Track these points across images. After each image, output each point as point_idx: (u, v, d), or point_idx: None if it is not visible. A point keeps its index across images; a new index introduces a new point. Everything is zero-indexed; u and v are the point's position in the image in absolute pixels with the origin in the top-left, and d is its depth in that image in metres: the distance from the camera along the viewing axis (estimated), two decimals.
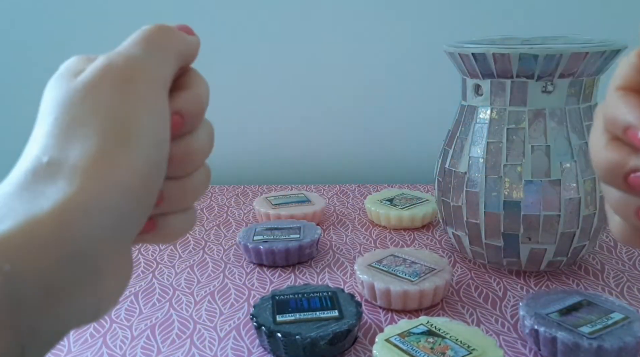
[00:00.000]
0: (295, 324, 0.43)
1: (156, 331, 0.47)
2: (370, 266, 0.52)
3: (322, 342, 0.42)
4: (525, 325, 0.44)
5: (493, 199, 0.51)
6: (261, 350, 0.44)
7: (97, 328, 0.48)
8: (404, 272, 0.51)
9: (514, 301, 0.51)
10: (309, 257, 0.59)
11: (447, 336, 0.41)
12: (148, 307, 0.51)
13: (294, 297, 0.47)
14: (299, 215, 0.67)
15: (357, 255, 0.61)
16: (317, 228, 0.61)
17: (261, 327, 0.43)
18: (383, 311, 0.50)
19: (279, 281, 0.56)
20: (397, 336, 0.41)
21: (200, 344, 0.45)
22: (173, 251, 0.63)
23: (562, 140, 0.50)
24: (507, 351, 0.44)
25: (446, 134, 0.57)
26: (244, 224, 0.70)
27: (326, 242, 0.64)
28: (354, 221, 0.70)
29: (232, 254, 0.62)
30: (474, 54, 0.49)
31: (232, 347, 0.45)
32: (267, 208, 0.69)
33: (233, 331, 0.47)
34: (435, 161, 0.58)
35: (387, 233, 0.67)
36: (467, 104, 0.54)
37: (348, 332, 0.43)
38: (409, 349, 0.40)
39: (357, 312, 0.45)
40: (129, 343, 0.46)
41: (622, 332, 0.41)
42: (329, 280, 0.56)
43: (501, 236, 0.52)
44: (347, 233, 0.67)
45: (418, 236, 0.66)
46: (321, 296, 0.47)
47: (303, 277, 0.56)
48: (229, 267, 0.58)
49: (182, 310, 0.50)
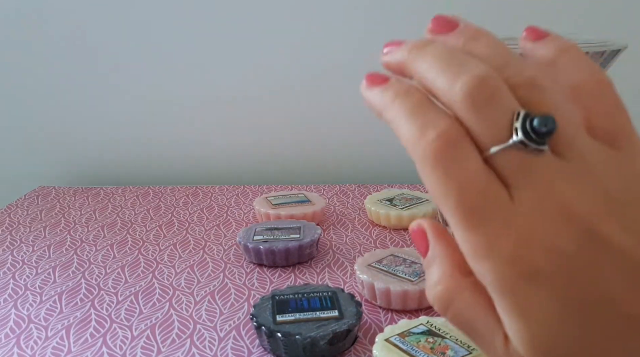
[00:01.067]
0: (295, 324, 0.43)
1: (156, 331, 0.47)
2: (370, 266, 0.52)
3: (322, 342, 0.42)
4: None
5: None
6: (261, 350, 0.44)
7: (97, 328, 0.48)
8: (404, 272, 0.51)
9: None
10: (309, 257, 0.59)
11: (447, 336, 0.41)
12: (148, 307, 0.51)
13: (294, 297, 0.47)
14: (299, 215, 0.67)
15: (357, 255, 0.61)
16: (317, 228, 0.61)
17: (261, 327, 0.43)
18: (383, 310, 0.50)
19: (279, 280, 0.56)
20: (397, 336, 0.41)
21: (200, 344, 0.45)
22: (173, 251, 0.63)
23: None
24: None
25: None
26: (244, 224, 0.70)
27: (326, 242, 0.64)
28: (354, 221, 0.70)
29: (232, 254, 0.62)
30: None
31: (232, 347, 0.45)
32: (267, 208, 0.69)
33: (233, 331, 0.47)
34: None
35: (387, 233, 0.67)
36: None
37: (348, 332, 0.43)
38: (409, 349, 0.40)
39: (357, 312, 0.45)
40: (129, 343, 0.46)
41: None
42: (329, 280, 0.56)
43: None
44: (347, 233, 0.67)
45: None
46: (321, 296, 0.47)
47: (303, 277, 0.56)
48: (229, 267, 0.58)
49: (182, 310, 0.50)
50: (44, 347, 0.45)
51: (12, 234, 0.68)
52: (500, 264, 0.21)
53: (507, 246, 0.21)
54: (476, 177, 0.21)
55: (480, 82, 0.21)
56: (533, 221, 0.21)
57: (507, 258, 0.21)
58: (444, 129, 0.22)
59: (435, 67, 0.23)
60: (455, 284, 0.24)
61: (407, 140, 0.23)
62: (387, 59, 0.26)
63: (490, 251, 0.21)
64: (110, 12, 0.85)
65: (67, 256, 0.62)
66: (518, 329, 0.21)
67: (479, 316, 0.23)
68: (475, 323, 0.23)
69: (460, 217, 0.21)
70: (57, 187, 0.86)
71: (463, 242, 0.22)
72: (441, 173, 0.21)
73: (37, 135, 0.92)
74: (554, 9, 0.81)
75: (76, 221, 0.72)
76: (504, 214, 0.21)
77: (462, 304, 0.23)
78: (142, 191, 0.84)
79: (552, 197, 0.21)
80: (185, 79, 0.87)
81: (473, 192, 0.21)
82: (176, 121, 0.90)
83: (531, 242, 0.21)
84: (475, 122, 0.22)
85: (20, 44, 0.87)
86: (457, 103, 0.22)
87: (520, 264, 0.21)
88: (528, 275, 0.21)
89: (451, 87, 0.22)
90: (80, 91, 0.89)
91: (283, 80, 0.87)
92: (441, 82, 0.22)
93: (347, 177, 0.90)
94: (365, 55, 0.86)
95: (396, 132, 0.23)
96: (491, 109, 0.21)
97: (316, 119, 0.89)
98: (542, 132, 0.21)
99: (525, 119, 0.21)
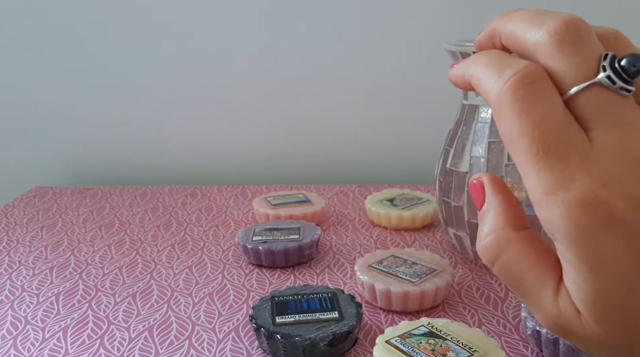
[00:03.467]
0: (295, 326, 0.43)
1: (154, 333, 0.47)
2: (370, 267, 0.52)
3: (321, 343, 0.41)
4: (527, 326, 0.43)
5: None
6: (260, 352, 0.44)
7: (94, 330, 0.47)
8: (404, 273, 0.50)
9: (515, 302, 0.50)
10: (308, 258, 0.59)
11: (448, 337, 0.41)
12: (146, 308, 0.51)
13: (294, 299, 0.47)
14: (299, 215, 0.67)
15: (357, 256, 0.60)
16: (317, 228, 0.61)
17: (260, 329, 0.43)
18: (383, 312, 0.49)
19: (278, 281, 0.55)
20: (397, 337, 0.41)
21: (198, 345, 0.45)
22: (171, 252, 0.62)
23: None
24: (508, 352, 0.43)
25: (447, 133, 0.57)
26: (243, 225, 0.70)
27: (326, 243, 0.64)
28: (354, 221, 0.70)
29: (231, 255, 0.61)
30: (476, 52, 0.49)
31: (231, 348, 0.44)
32: (266, 208, 0.68)
33: (232, 333, 0.46)
34: (436, 161, 0.58)
35: (388, 233, 0.66)
36: (468, 103, 0.54)
37: (348, 333, 0.42)
38: (409, 351, 0.39)
39: (357, 313, 0.44)
40: (126, 345, 0.45)
41: None
42: (329, 281, 0.55)
43: None
44: (347, 234, 0.66)
45: (419, 236, 0.65)
46: (321, 297, 0.47)
47: (303, 278, 0.56)
48: (227, 268, 0.58)
49: (180, 311, 0.50)
50: (41, 349, 0.45)
51: (9, 235, 0.68)
52: (574, 207, 0.19)
53: (584, 187, 0.19)
54: (555, 116, 0.20)
55: (569, 22, 0.21)
56: (613, 164, 0.20)
57: (583, 201, 0.19)
58: (523, 67, 0.21)
59: (524, 20, 0.23)
60: (505, 236, 0.23)
61: (486, 87, 0.22)
62: (480, 36, 0.26)
63: (565, 192, 0.20)
64: (110, 12, 0.84)
65: (65, 257, 0.61)
66: (585, 282, 0.20)
67: (527, 270, 0.22)
68: (523, 277, 0.23)
69: (535, 156, 0.20)
70: (54, 188, 0.85)
71: (534, 183, 0.21)
72: (518, 110, 0.21)
73: (35, 136, 0.91)
74: (554, 8, 0.81)
75: (73, 221, 0.72)
76: (582, 154, 0.20)
77: (510, 256, 0.23)
78: (140, 191, 0.83)
79: (636, 143, 0.20)
80: (185, 79, 0.87)
81: (551, 129, 0.20)
82: (175, 121, 0.89)
83: (610, 186, 0.19)
84: (559, 61, 0.21)
85: (20, 44, 0.87)
86: (543, 43, 0.22)
87: (596, 209, 0.19)
88: (605, 222, 0.19)
89: (539, 29, 0.22)
90: (79, 91, 0.88)
91: (282, 80, 0.86)
92: (529, 29, 0.22)
93: (347, 177, 0.90)
94: (365, 56, 0.86)
95: (477, 88, 0.23)
96: (579, 46, 0.21)
97: (316, 119, 0.88)
98: (630, 71, 0.20)
99: (614, 58, 0.21)
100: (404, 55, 0.84)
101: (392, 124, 0.88)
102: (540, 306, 0.22)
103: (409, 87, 0.86)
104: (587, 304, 0.20)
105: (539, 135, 0.20)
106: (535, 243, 0.22)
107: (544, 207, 0.20)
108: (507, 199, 0.24)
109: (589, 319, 0.21)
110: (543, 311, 0.22)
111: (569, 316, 0.21)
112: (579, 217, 0.19)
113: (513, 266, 0.23)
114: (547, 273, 0.22)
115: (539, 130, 0.20)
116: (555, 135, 0.20)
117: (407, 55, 0.84)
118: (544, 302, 0.22)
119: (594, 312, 0.20)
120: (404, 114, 0.87)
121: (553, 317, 0.22)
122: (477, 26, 0.82)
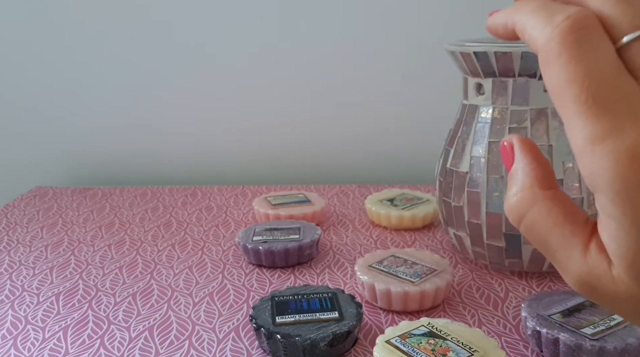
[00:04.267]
0: (295, 326, 0.43)
1: (154, 333, 0.47)
2: (370, 267, 0.52)
3: (322, 343, 0.41)
4: (528, 326, 0.43)
5: (495, 199, 0.50)
6: (260, 352, 0.44)
7: (94, 329, 0.47)
8: (404, 273, 0.50)
9: (515, 302, 0.51)
10: (308, 258, 0.59)
11: (448, 337, 0.41)
12: (146, 308, 0.51)
13: (294, 299, 0.47)
14: (299, 215, 0.67)
15: (357, 256, 0.60)
16: (317, 228, 0.61)
17: (260, 329, 0.43)
18: (383, 312, 0.49)
19: (278, 281, 0.55)
20: (397, 337, 0.41)
21: (199, 345, 0.45)
22: (171, 252, 0.62)
23: (564, 139, 0.49)
24: (509, 352, 0.43)
25: (447, 133, 0.57)
26: (243, 225, 0.70)
27: (326, 243, 0.64)
28: (354, 221, 0.70)
29: (231, 255, 0.61)
30: (476, 52, 0.49)
31: (231, 348, 0.44)
32: (266, 208, 0.68)
33: (232, 333, 0.46)
34: (436, 161, 0.58)
35: (388, 233, 0.66)
36: (468, 103, 0.54)
37: (348, 333, 0.42)
38: (409, 351, 0.39)
39: (357, 313, 0.44)
40: (126, 345, 0.45)
41: (625, 334, 0.41)
42: (329, 281, 0.55)
43: (503, 237, 0.51)
44: (348, 234, 0.66)
45: (419, 236, 0.65)
46: (321, 297, 0.47)
47: (303, 278, 0.56)
48: (227, 268, 0.58)
49: (180, 311, 0.50)
50: (41, 348, 0.45)
51: (9, 235, 0.68)
52: (622, 157, 0.19)
53: (634, 138, 0.19)
54: (606, 64, 0.20)
55: None
56: None
57: (632, 152, 0.19)
58: (574, 12, 0.20)
59: None
60: (532, 195, 0.23)
61: (532, 33, 0.21)
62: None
63: (613, 141, 0.19)
64: (110, 13, 0.84)
65: (65, 257, 0.61)
66: (627, 237, 0.19)
67: (554, 229, 0.22)
68: (549, 236, 0.22)
69: (583, 104, 0.19)
70: (54, 188, 0.85)
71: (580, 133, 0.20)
72: (568, 57, 0.20)
73: (35, 136, 0.91)
74: None
75: (74, 221, 0.72)
76: (634, 103, 0.19)
77: (536, 216, 0.22)
78: (140, 191, 0.83)
79: None
80: (185, 79, 0.87)
81: (602, 78, 0.19)
82: (175, 121, 0.89)
83: None
84: (612, 8, 0.20)
85: (19, 44, 0.87)
86: None
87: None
88: None
89: None
90: (79, 91, 0.88)
91: (283, 80, 0.87)
92: None
93: (347, 177, 0.90)
94: (365, 56, 0.86)
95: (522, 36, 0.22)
96: None
97: (316, 119, 0.88)
98: None
99: None
100: (404, 56, 0.84)
101: (392, 124, 0.88)
102: (568, 264, 0.22)
103: (409, 87, 0.86)
104: (628, 261, 0.20)
105: (589, 84, 0.19)
106: (563, 202, 0.22)
107: (589, 157, 0.20)
108: (536, 159, 0.24)
109: (626, 276, 0.20)
110: (570, 269, 0.22)
111: (598, 273, 0.21)
112: (627, 169, 0.19)
113: (539, 224, 0.22)
114: (574, 232, 0.21)
115: (589, 78, 0.19)
116: (606, 85, 0.19)
117: (407, 56, 0.84)
118: (572, 260, 0.22)
119: (633, 270, 0.20)
120: (404, 114, 0.87)
121: (581, 275, 0.21)
122: (478, 26, 0.82)
